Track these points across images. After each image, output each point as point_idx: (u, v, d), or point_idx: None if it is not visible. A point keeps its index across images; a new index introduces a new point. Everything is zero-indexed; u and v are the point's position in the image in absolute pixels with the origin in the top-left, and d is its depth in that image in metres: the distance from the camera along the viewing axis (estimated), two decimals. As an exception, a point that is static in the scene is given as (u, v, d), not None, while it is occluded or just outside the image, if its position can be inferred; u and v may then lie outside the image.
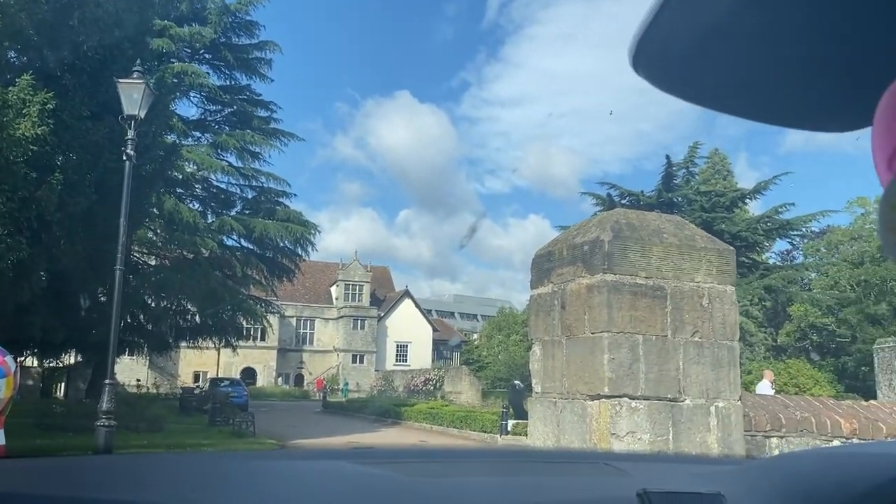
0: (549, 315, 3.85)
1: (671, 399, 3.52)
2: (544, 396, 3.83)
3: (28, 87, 11.19)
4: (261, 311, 34.40)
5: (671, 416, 3.51)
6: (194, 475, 1.20)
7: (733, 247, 4.08)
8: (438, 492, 1.12)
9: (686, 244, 3.69)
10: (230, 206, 32.31)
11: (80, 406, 20.12)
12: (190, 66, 28.92)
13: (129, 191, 11.37)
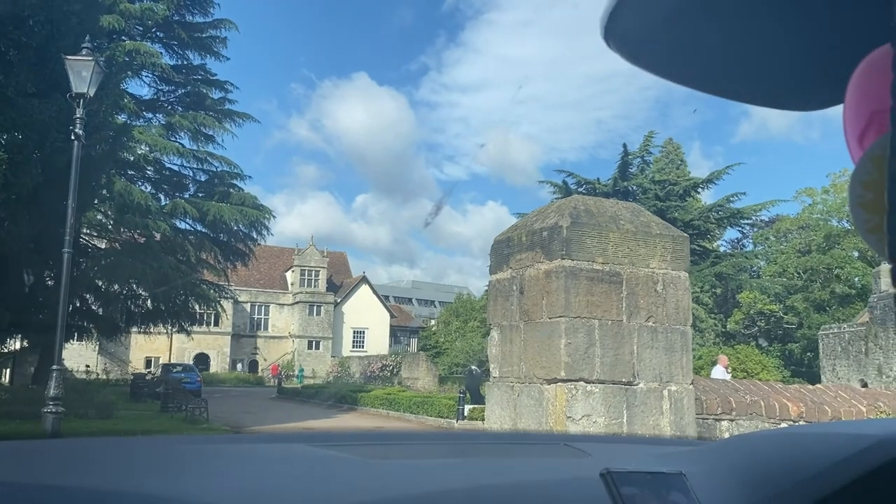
0: (507, 300, 3.86)
1: (626, 383, 3.57)
2: (502, 381, 3.85)
3: (-30, 63, 10.77)
4: (214, 295, 33.87)
5: (625, 399, 3.56)
6: (145, 458, 1.17)
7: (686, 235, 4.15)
8: (396, 473, 1.11)
9: (642, 231, 3.73)
10: (183, 188, 31.70)
11: (26, 392, 19.59)
12: (142, 45, 28.17)
13: (78, 171, 11.05)
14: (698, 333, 33.28)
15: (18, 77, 12.49)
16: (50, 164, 12.91)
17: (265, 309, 62.42)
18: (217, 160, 32.12)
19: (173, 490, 0.97)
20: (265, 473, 1.08)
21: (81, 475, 1.03)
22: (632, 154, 43.40)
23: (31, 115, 12.61)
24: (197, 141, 31.22)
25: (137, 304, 29.72)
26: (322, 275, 62.90)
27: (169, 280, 27.42)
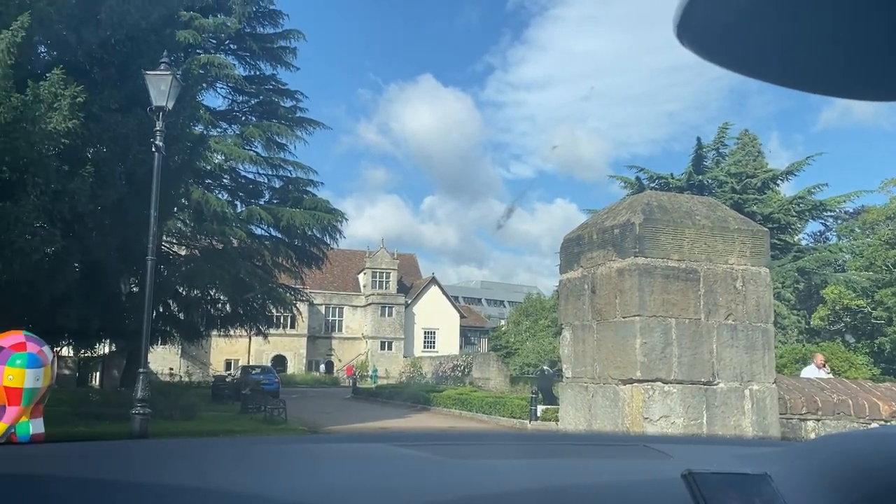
0: (578, 299, 3.81)
1: (705, 383, 3.47)
2: (575, 381, 3.80)
3: (59, 82, 11.33)
4: (290, 298, 34.69)
5: (705, 399, 3.46)
6: (230, 458, 1.21)
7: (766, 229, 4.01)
8: (475, 472, 1.11)
9: (719, 226, 3.62)
10: (258, 195, 32.56)
11: (115, 394, 20.49)
12: (216, 58, 29.11)
13: (160, 182, 11.50)
14: (780, 331, 32.10)
15: (102, 94, 13.08)
16: (133, 175, 13.47)
17: (339, 311, 63.56)
18: (290, 166, 32.91)
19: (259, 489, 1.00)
20: (347, 472, 1.10)
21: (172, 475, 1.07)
22: (706, 147, 42.23)
23: (114, 129, 13.19)
24: (270, 149, 32.04)
25: (217, 309, 30.71)
26: (393, 276, 63.62)
27: (246, 284, 28.28)
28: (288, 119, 32.64)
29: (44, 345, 5.89)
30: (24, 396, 5.64)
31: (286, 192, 32.64)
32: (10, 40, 10.38)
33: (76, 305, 15.60)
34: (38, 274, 11.88)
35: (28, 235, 11.22)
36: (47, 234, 11.68)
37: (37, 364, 5.86)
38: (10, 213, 10.97)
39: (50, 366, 5.92)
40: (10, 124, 10.58)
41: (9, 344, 5.76)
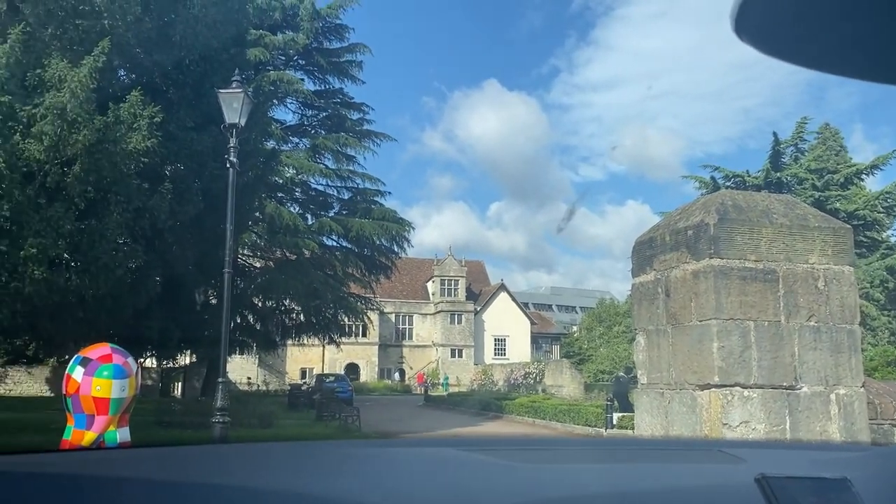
0: (652, 303, 3.72)
1: (787, 387, 3.33)
2: (651, 387, 3.70)
3: (137, 103, 11.83)
4: (361, 307, 35.16)
5: (787, 404, 3.32)
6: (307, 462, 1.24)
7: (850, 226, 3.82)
8: (545, 477, 1.10)
9: (798, 224, 3.48)
10: (328, 207, 33.16)
11: (196, 404, 21.12)
12: (285, 74, 29.84)
13: (235, 197, 11.86)
14: (869, 332, 30.65)
15: (178, 113, 13.58)
16: (209, 191, 13.92)
17: (409, 319, 64.06)
18: (359, 178, 33.41)
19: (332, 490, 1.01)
20: (416, 476, 1.11)
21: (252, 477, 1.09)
22: (783, 143, 40.80)
23: (190, 146, 13.68)
24: (339, 161, 32.60)
25: (291, 318, 31.40)
26: (461, 284, 63.76)
27: (319, 294, 28.82)
28: (355, 131, 33.15)
29: (128, 356, 6.14)
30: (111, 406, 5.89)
31: (355, 203, 33.14)
32: (92, 65, 10.89)
33: (158, 317, 16.21)
34: (122, 288, 12.39)
35: (112, 251, 11.73)
36: (130, 249, 12.18)
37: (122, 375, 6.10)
38: (96, 230, 11.49)
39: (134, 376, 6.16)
40: (93, 145, 11.09)
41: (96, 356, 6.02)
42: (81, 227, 11.38)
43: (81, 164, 11.04)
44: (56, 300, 11.79)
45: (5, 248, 10.51)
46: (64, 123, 10.56)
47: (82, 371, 6.14)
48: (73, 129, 10.66)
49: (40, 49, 11.35)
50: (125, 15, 12.11)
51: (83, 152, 10.93)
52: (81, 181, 11.16)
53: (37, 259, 10.76)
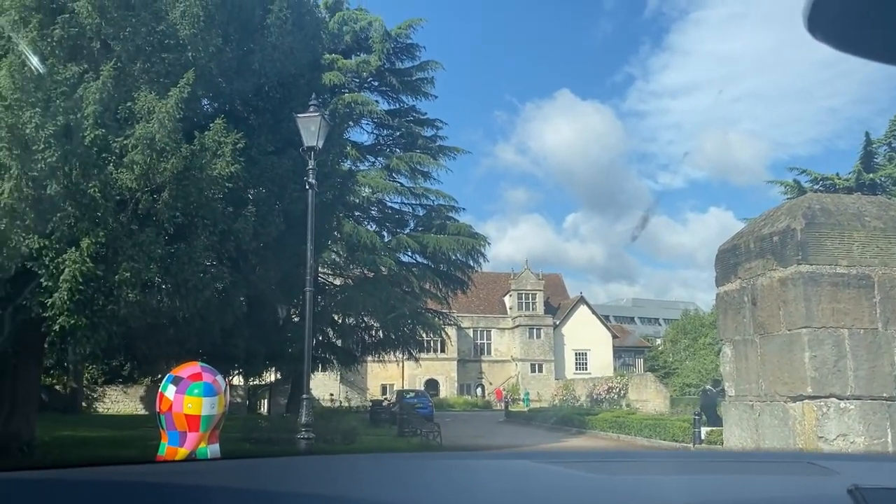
0: (738, 313, 3.60)
1: (887, 398, 3.16)
2: (739, 400, 3.57)
3: (221, 131, 12.28)
4: (438, 323, 35.35)
5: (888, 416, 3.14)
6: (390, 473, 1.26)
7: (952, 226, 3.60)
8: (622, 488, 1.08)
9: (893, 226, 3.30)
10: (404, 224, 33.56)
11: (281, 420, 21.67)
12: (359, 96, 30.49)
13: (314, 217, 12.17)
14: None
15: (259, 138, 14.04)
16: (289, 212, 14.30)
17: (487, 334, 63.94)
18: (433, 194, 33.70)
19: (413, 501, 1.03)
20: (497, 487, 1.11)
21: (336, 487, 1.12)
22: (876, 142, 38.88)
23: (271, 170, 14.10)
24: (414, 178, 32.99)
25: (370, 335, 31.88)
26: (539, 297, 63.26)
27: (397, 310, 29.15)
28: (429, 148, 33.51)
29: (217, 374, 6.35)
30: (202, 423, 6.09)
31: (430, 220, 33.44)
32: (178, 96, 11.40)
33: (243, 336, 16.72)
34: (210, 308, 12.84)
35: (200, 273, 12.18)
36: (217, 271, 12.62)
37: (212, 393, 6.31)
38: (184, 253, 11.97)
39: (223, 394, 6.36)
40: (181, 173, 11.58)
41: (187, 375, 6.25)
42: (171, 251, 11.87)
43: (170, 190, 11.54)
44: (149, 321, 12.32)
45: (101, 272, 11.07)
46: (153, 153, 11.08)
47: (174, 389, 6.38)
48: (161, 158, 11.16)
49: (130, 83, 11.96)
50: (207, 46, 12.64)
51: (171, 179, 11.43)
52: (170, 207, 11.66)
53: (130, 283, 11.28)
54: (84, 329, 11.29)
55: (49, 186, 10.48)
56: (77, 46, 12.08)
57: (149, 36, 12.18)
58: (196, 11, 12.37)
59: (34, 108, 10.25)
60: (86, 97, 11.08)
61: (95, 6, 11.63)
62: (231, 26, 13.36)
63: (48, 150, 10.33)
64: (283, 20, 14.15)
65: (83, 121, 10.88)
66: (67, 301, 10.80)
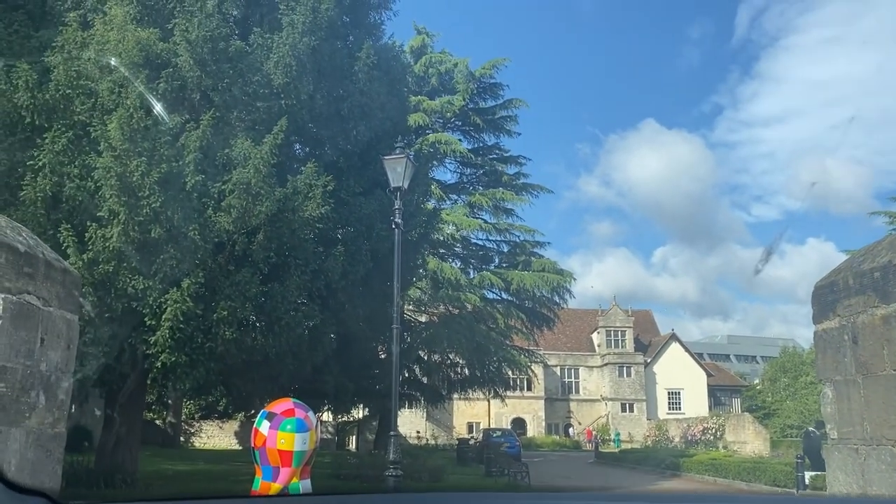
0: (838, 352, 3.45)
1: None
2: (842, 443, 3.41)
3: (312, 174, 12.76)
4: (525, 360, 35.03)
5: None
6: None
7: None
8: None
9: None
10: (488, 261, 33.63)
11: (369, 457, 21.83)
12: (443, 136, 31.03)
13: (400, 256, 12.40)
14: None
15: (348, 181, 14.48)
16: (376, 251, 14.62)
17: (575, 372, 62.76)
18: (517, 230, 33.72)
19: None
20: None
21: None
22: None
23: (359, 210, 14.49)
24: (497, 215, 33.13)
25: (456, 372, 31.86)
26: (628, 334, 61.77)
27: (482, 347, 29.09)
28: (512, 185, 33.65)
29: (309, 410, 6.51)
30: (295, 458, 6.24)
31: (514, 256, 33.41)
32: (272, 143, 11.93)
33: (333, 373, 17.04)
34: (302, 345, 13.20)
35: (292, 311, 12.57)
36: (308, 309, 12.99)
37: (303, 429, 6.47)
38: (278, 293, 12.39)
39: (314, 430, 6.51)
40: (275, 215, 12.07)
41: (280, 411, 6.44)
42: (265, 290, 12.32)
43: (264, 232, 12.02)
44: (244, 358, 12.76)
45: (200, 311, 11.58)
46: (249, 197, 11.60)
47: (268, 425, 6.57)
48: (256, 202, 11.67)
49: (227, 131, 12.61)
50: (300, 94, 13.21)
51: (266, 221, 11.92)
52: (265, 248, 12.14)
53: (227, 321, 11.75)
54: (184, 366, 11.80)
55: (153, 230, 11.10)
56: (179, 98, 12.86)
57: (245, 86, 12.84)
58: (289, 61, 12.98)
59: (140, 157, 10.93)
60: (187, 145, 11.75)
61: (196, 60, 12.38)
62: (321, 74, 13.93)
63: (153, 196, 10.97)
64: (369, 67, 14.65)
65: (185, 168, 11.52)
66: (169, 339, 11.33)
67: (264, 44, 13.26)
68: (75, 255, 10.97)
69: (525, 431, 56.86)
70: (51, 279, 3.09)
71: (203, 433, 40.19)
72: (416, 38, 32.63)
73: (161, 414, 34.56)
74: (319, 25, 13.41)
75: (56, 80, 11.80)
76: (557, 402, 61.29)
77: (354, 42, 15.78)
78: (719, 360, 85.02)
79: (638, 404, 59.95)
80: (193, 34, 12.27)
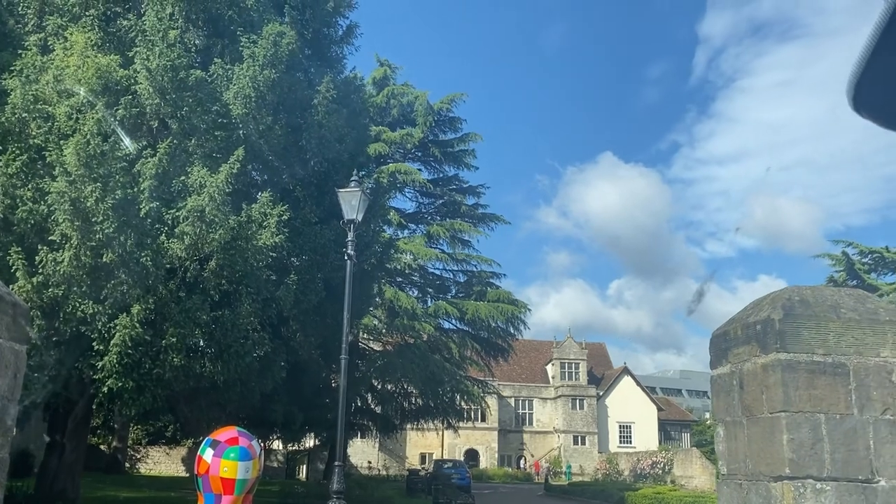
0: (728, 395, 3.82)
1: (863, 480, 3.32)
2: (730, 478, 3.76)
3: (267, 203, 12.97)
4: (478, 391, 35.16)
5: (864, 498, 3.29)
6: None
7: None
8: None
9: (867, 318, 3.52)
10: (445, 290, 33.86)
11: (317, 486, 21.74)
12: (402, 165, 31.43)
13: (352, 287, 12.62)
14: None
15: (303, 210, 14.71)
16: (330, 280, 14.82)
17: (529, 403, 63.01)
18: (474, 260, 34.07)
19: None
20: None
21: None
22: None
23: (314, 240, 14.70)
24: (455, 245, 33.46)
25: (409, 402, 31.85)
26: (582, 367, 62.36)
27: (436, 377, 29.19)
28: (470, 216, 34.10)
29: (253, 439, 6.69)
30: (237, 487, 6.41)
31: (471, 286, 33.72)
32: (228, 172, 12.13)
33: (283, 401, 17.08)
34: (251, 373, 13.27)
35: (242, 339, 12.67)
36: (259, 337, 13.09)
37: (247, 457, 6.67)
38: (228, 320, 12.50)
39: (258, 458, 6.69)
40: (228, 243, 12.22)
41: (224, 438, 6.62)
42: (216, 317, 12.42)
43: (217, 260, 12.16)
44: (192, 385, 12.79)
45: (150, 337, 11.64)
46: (203, 224, 11.75)
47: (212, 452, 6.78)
48: (210, 229, 11.82)
49: (184, 159, 12.77)
50: (258, 125, 13.46)
51: (219, 249, 12.07)
52: (217, 275, 12.27)
53: (176, 347, 11.82)
54: (131, 391, 11.80)
55: (105, 255, 11.17)
56: (137, 125, 13.01)
57: (204, 115, 13.04)
58: (248, 92, 13.23)
59: (95, 183, 11.04)
60: (143, 172, 11.89)
61: (156, 88, 12.56)
62: (281, 106, 14.21)
63: (106, 221, 11.06)
64: (329, 100, 14.97)
65: (139, 194, 11.65)
66: (116, 364, 11.35)
67: (225, 74, 13.50)
68: (24, 277, 10.97)
69: (478, 463, 56.78)
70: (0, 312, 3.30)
71: (150, 459, 39.37)
72: (379, 69, 33.13)
73: (106, 439, 33.82)
74: (280, 58, 13.70)
75: (13, 103, 11.87)
76: (511, 434, 61.40)
77: (315, 74, 16.11)
78: (671, 394, 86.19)
79: (590, 437, 60.39)
80: (154, 63, 12.46)
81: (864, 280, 39.16)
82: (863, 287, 38.60)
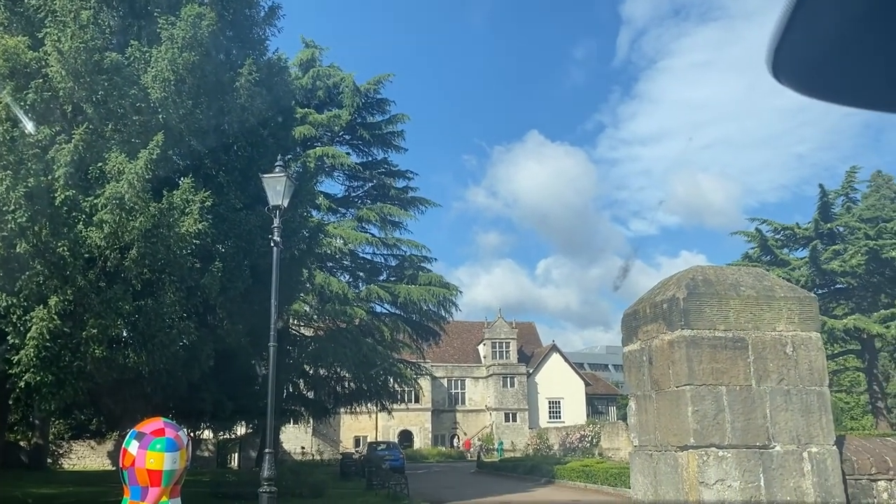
0: (639, 371, 4.03)
1: (760, 446, 3.57)
2: (641, 449, 3.98)
3: (189, 189, 12.68)
4: (411, 373, 35.38)
5: (761, 463, 3.56)
6: None
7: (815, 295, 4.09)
8: None
9: (764, 295, 3.78)
10: (377, 274, 33.83)
11: (250, 474, 21.53)
12: (330, 149, 31.12)
13: (279, 274, 12.50)
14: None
15: (228, 195, 14.43)
16: (257, 266, 14.62)
17: (461, 383, 63.73)
18: (405, 244, 34.14)
19: None
20: None
21: None
22: (834, 192, 40.42)
23: (240, 226, 14.46)
24: (385, 229, 33.44)
25: (343, 386, 31.83)
26: (512, 346, 63.39)
27: (369, 361, 29.23)
28: (400, 199, 34.09)
29: (179, 429, 6.60)
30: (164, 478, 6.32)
31: (402, 270, 33.79)
32: (148, 157, 11.81)
33: (211, 390, 16.82)
34: (177, 363, 13.03)
35: (167, 329, 12.42)
36: (184, 326, 12.85)
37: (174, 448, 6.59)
38: (152, 309, 12.22)
39: (185, 448, 6.61)
40: (149, 231, 11.92)
41: (150, 430, 6.50)
42: (138, 307, 12.12)
43: (138, 248, 11.85)
44: (115, 377, 12.48)
45: (69, 329, 11.28)
46: (122, 212, 11.42)
47: (137, 445, 6.65)
48: (130, 217, 11.50)
49: (101, 144, 12.35)
50: (178, 109, 13.11)
51: (139, 237, 11.75)
52: (138, 264, 11.96)
53: (97, 339, 11.50)
54: (50, 385, 11.43)
55: (18, 245, 10.74)
56: (50, 109, 12.49)
57: (121, 99, 12.62)
58: (167, 75, 12.87)
59: (5, 171, 10.58)
60: (57, 159, 11.45)
61: (69, 71, 12.07)
62: (201, 89, 13.86)
63: (18, 210, 10.63)
64: (252, 82, 14.70)
65: (54, 182, 11.22)
66: (34, 358, 10.97)
67: (142, 57, 13.09)
68: (-70, 271, 10.47)
69: (412, 443, 57.20)
70: None
71: (73, 454, 38.12)
72: (305, 51, 32.63)
73: (26, 435, 32.56)
74: (200, 40, 13.36)
75: (-88, 87, 11.23)
76: (444, 414, 62.03)
77: (237, 56, 15.77)
78: (598, 369, 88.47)
79: (521, 413, 61.58)
80: (66, 44, 11.97)
81: (777, 255, 41.05)
82: (775, 262, 40.47)
